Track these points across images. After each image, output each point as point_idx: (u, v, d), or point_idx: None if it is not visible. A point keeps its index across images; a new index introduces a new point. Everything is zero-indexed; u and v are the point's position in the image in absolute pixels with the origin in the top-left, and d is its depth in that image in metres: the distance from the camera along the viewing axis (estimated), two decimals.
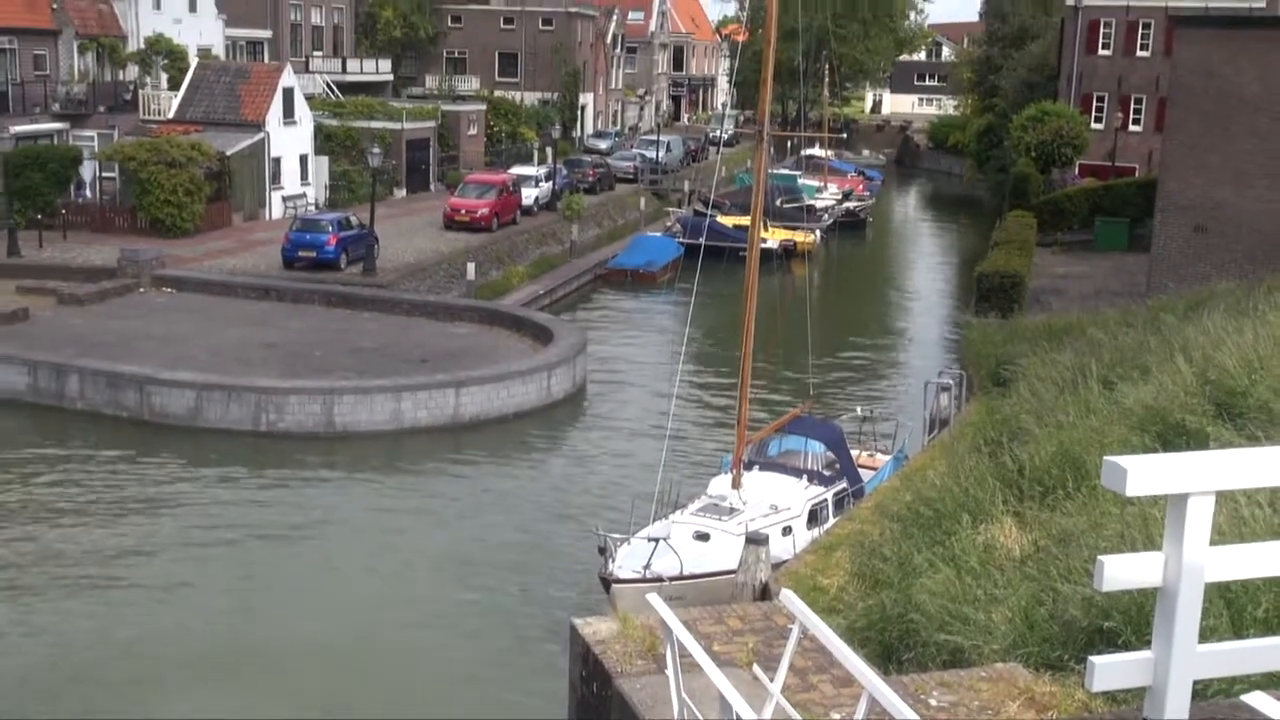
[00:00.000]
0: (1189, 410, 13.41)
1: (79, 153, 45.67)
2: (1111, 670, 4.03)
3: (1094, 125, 54.92)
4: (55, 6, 48.85)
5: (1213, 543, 3.98)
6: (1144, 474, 3.83)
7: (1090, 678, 4.02)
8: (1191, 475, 3.90)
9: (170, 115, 49.60)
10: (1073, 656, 8.64)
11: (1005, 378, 23.27)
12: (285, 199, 49.53)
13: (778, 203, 54.13)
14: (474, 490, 25.85)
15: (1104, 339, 20.53)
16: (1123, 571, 4.01)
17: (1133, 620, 7.98)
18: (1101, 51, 56.23)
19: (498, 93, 75.48)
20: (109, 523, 23.08)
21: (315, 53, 71.60)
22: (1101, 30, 56.15)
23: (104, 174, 46.02)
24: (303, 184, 50.92)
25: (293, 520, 23.64)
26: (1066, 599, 9.38)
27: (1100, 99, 56.40)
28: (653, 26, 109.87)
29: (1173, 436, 12.88)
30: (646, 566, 18.02)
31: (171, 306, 36.11)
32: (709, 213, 44.15)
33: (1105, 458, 3.94)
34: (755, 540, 17.06)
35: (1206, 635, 4.15)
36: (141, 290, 37.59)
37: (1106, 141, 54.94)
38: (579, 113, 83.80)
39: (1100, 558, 4.04)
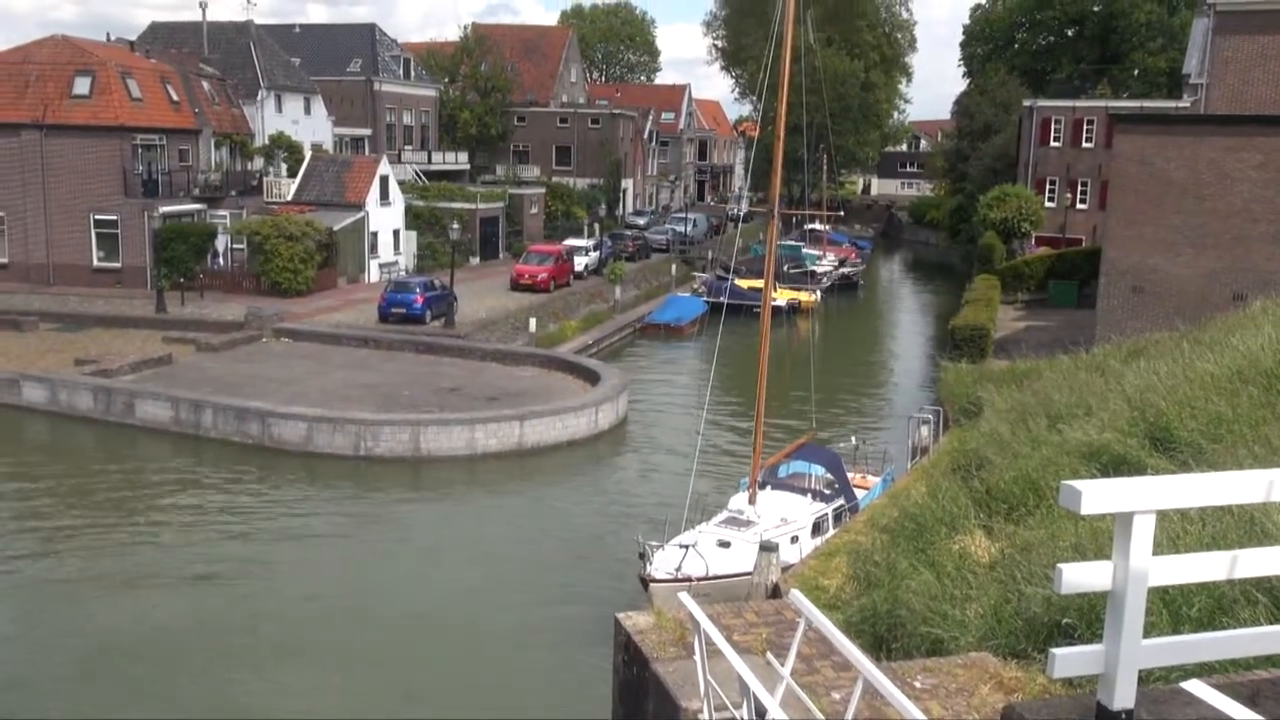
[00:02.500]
0: (1128, 443, 13.25)
1: (215, 228, 46.10)
2: (1069, 660, 3.98)
3: (1048, 204, 54.71)
4: (197, 111, 49.60)
5: (1154, 554, 3.94)
6: (1096, 495, 3.80)
7: (1051, 666, 3.97)
8: (1136, 497, 3.86)
9: (289, 198, 50.12)
10: (1035, 647, 8.52)
11: (974, 413, 23.08)
12: (381, 265, 49.86)
13: (785, 268, 54.17)
14: (535, 504, 25.81)
15: (1057, 381, 20.33)
16: (1078, 577, 3.97)
17: (1086, 617, 7.87)
18: (1053, 143, 56.13)
19: (555, 179, 75.96)
20: (239, 527, 23.18)
21: (406, 147, 72.39)
22: (1053, 126, 56.11)
23: (234, 245, 46.37)
24: (395, 253, 51.27)
25: (386, 526, 23.67)
26: (1029, 599, 9.25)
27: (1053, 182, 56.19)
28: (682, 124, 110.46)
29: (1115, 465, 12.71)
30: (678, 569, 17.91)
31: (288, 354, 36.30)
32: (729, 276, 44.03)
33: (1063, 481, 3.91)
34: (768, 548, 16.94)
35: (1149, 631, 4.08)
36: (264, 340, 37.82)
37: (1058, 217, 54.73)
38: (621, 194, 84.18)
39: (1059, 565, 4.00)
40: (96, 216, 44.19)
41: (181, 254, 43.03)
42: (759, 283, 45.76)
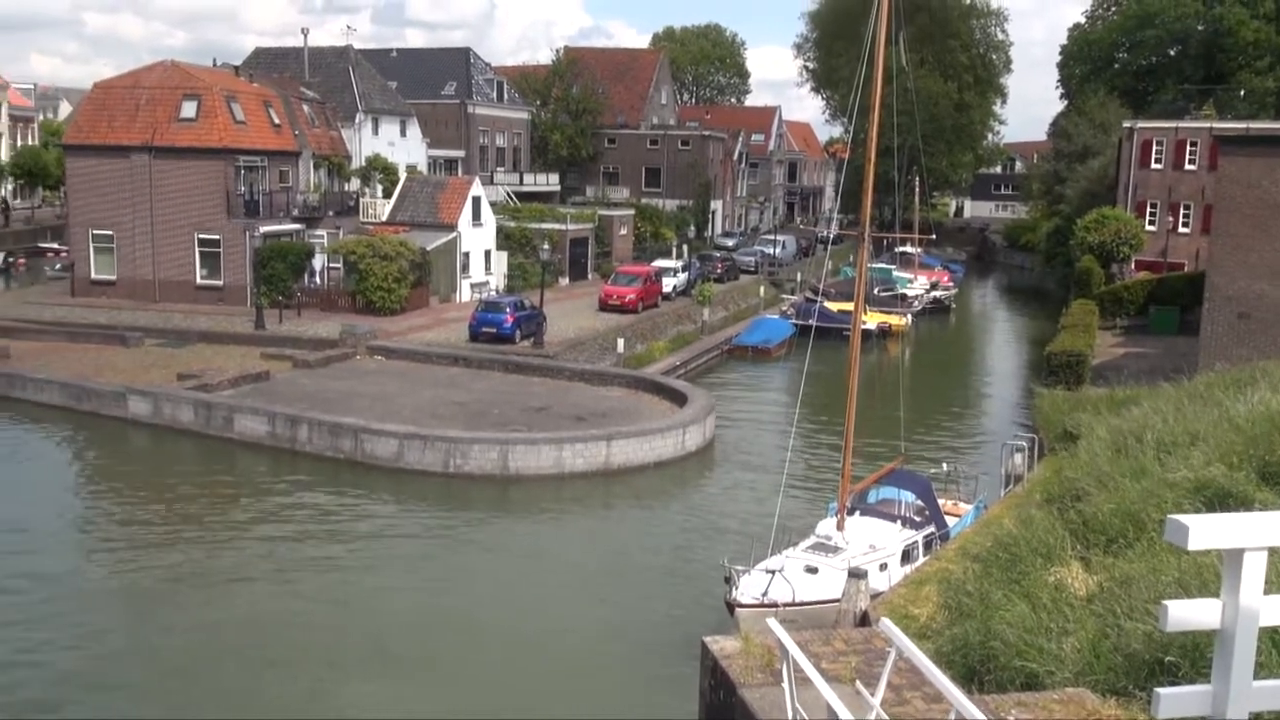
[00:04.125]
0: (1236, 476, 12.84)
1: (312, 248, 47.16)
2: (1175, 700, 3.88)
3: (1148, 227, 53.31)
4: (297, 133, 50.97)
5: (1265, 593, 3.81)
6: (1204, 531, 3.70)
7: (1156, 706, 3.86)
8: (1247, 533, 3.75)
9: (383, 218, 51.12)
10: (1135, 685, 8.29)
11: (1071, 441, 22.56)
12: (472, 285, 50.53)
13: (875, 291, 53.57)
14: (621, 525, 25.87)
15: (1158, 410, 19.78)
16: (1185, 614, 3.87)
17: (1190, 655, 7.63)
18: (1154, 166, 54.68)
19: (644, 200, 76.34)
20: (331, 540, 23.62)
21: (498, 168, 73.46)
22: (1154, 148, 54.69)
23: (331, 264, 47.32)
24: (486, 273, 51.92)
25: (472, 543, 23.92)
26: (1129, 634, 9.01)
27: (1153, 205, 54.73)
28: (771, 146, 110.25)
29: (1221, 499, 12.33)
30: (764, 594, 17.79)
31: (381, 371, 36.93)
32: (818, 299, 43.69)
33: (1169, 516, 3.81)
34: (856, 574, 16.72)
35: (1260, 673, 3.95)
36: (358, 357, 38.55)
37: (1159, 241, 53.29)
38: (710, 216, 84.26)
39: (1165, 602, 3.89)
40: (200, 235, 45.61)
41: (280, 272, 44.10)
42: (848, 305, 45.31)
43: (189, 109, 45.83)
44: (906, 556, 20.28)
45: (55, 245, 74.07)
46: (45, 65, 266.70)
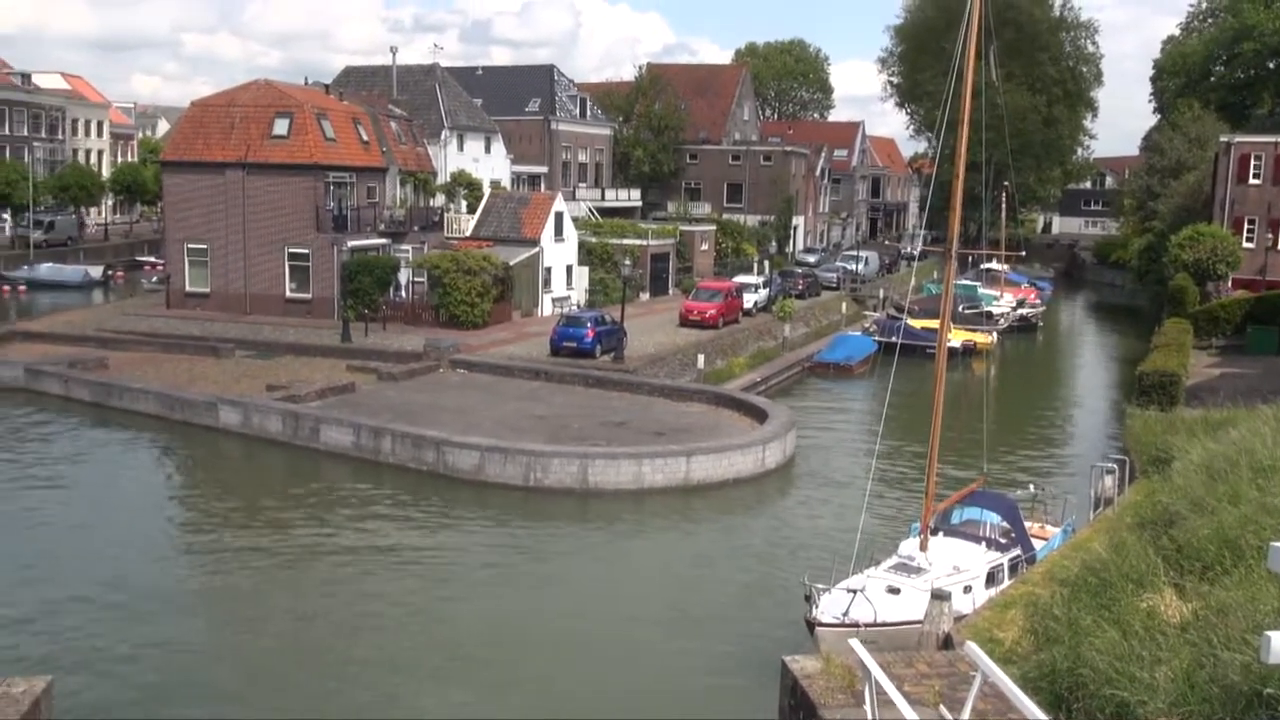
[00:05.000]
0: None
1: (398, 262, 47.88)
2: None
3: (1245, 244, 51.80)
4: (385, 150, 51.94)
5: None
6: None
7: None
8: None
9: (467, 233, 51.81)
10: (1232, 718, 8.02)
11: (1164, 464, 21.98)
12: (554, 300, 50.92)
13: (960, 308, 52.83)
14: (699, 540, 25.78)
15: (1258, 433, 19.17)
16: None
17: None
18: (1252, 181, 53.09)
19: (725, 215, 76.30)
20: (411, 549, 23.91)
21: (581, 184, 74.06)
22: (1252, 163, 53.12)
23: (415, 279, 47.99)
24: (568, 288, 52.29)
25: (551, 556, 24.04)
26: (1226, 665, 8.73)
27: (1251, 221, 53.14)
28: (854, 162, 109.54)
29: None
30: (845, 613, 17.58)
31: (463, 384, 37.33)
32: (901, 316, 43.18)
33: (1272, 543, 3.69)
34: (940, 596, 16.43)
35: None
36: (441, 371, 39.03)
37: (1257, 258, 51.70)
38: (791, 232, 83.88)
39: (1267, 633, 3.77)
40: (290, 250, 46.68)
41: (366, 286, 44.89)
42: (933, 323, 44.77)
43: (281, 126, 46.97)
44: (991, 579, 19.90)
45: (152, 259, 76.48)
46: (146, 85, 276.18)
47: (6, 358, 39.60)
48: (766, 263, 66.17)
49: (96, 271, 70.08)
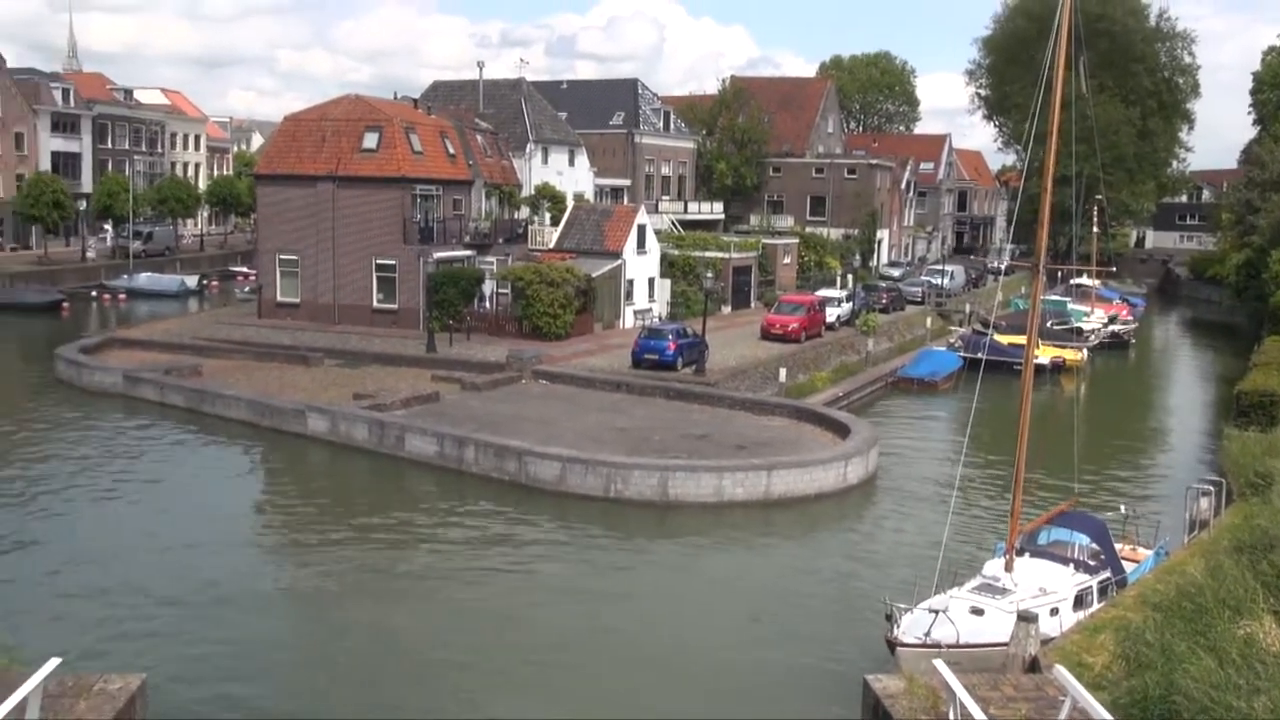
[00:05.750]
0: None
1: (482, 274, 48.43)
2: None
3: None
4: (471, 163, 52.67)
5: None
6: None
7: None
8: None
9: (551, 245, 52.24)
10: None
11: (1263, 487, 21.28)
12: (636, 312, 51.07)
13: (1049, 324, 51.85)
14: (779, 555, 25.60)
15: None
16: None
17: None
18: None
19: (808, 229, 75.91)
20: (492, 559, 24.14)
21: (664, 197, 74.30)
22: None
23: (499, 290, 48.50)
24: (650, 300, 52.42)
25: (630, 568, 24.05)
26: None
27: None
28: (941, 175, 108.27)
29: None
30: (927, 633, 17.30)
31: (545, 395, 37.58)
32: (988, 331, 42.49)
33: None
34: (1026, 618, 16.09)
35: None
36: (523, 381, 39.34)
37: None
38: (876, 245, 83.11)
39: None
40: (378, 261, 47.54)
41: (451, 297, 45.47)
42: (1020, 339, 43.96)
43: (370, 140, 47.92)
44: (1079, 602, 19.43)
45: (245, 269, 78.57)
46: (241, 100, 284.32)
47: (106, 364, 40.92)
48: (850, 276, 65.60)
49: (192, 281, 72.15)
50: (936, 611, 17.75)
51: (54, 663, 10.89)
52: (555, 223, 55.01)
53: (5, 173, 78.28)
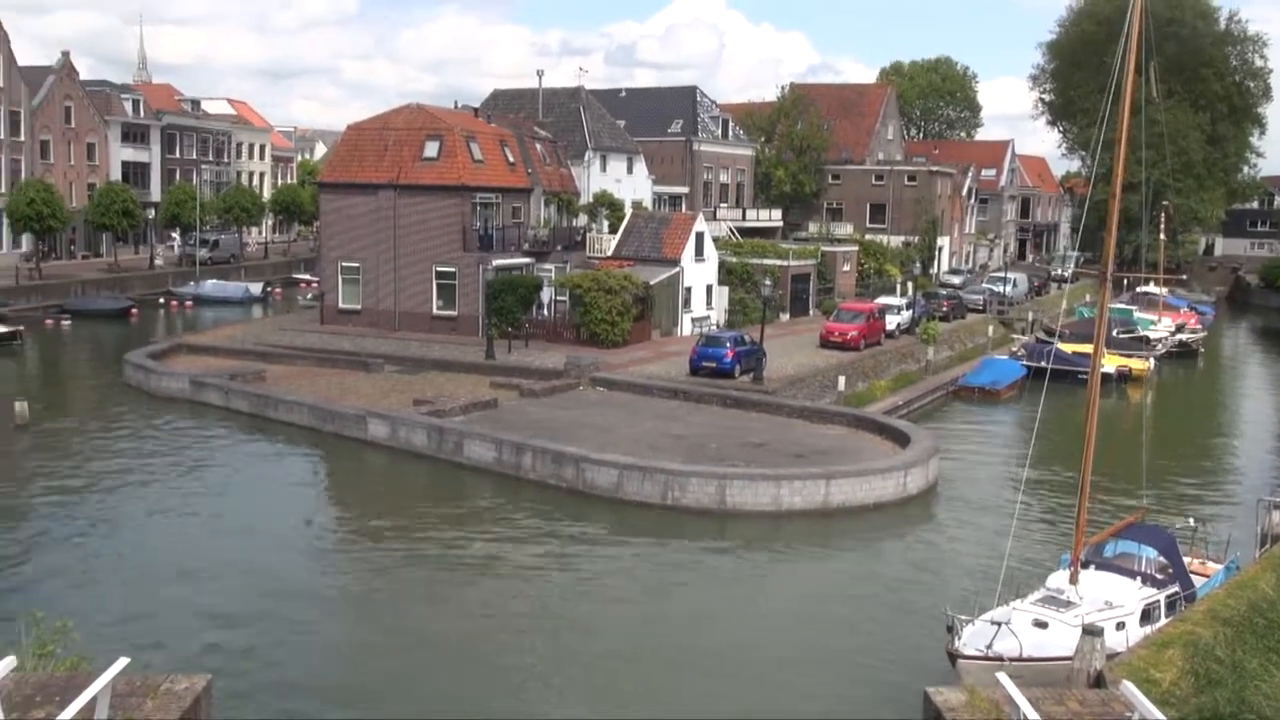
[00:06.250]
0: None
1: (541, 281, 48.67)
2: None
3: None
4: (530, 171, 52.99)
5: None
6: None
7: None
8: None
9: (609, 253, 52.34)
10: None
11: None
12: (693, 320, 51.02)
13: (1115, 333, 51.00)
14: (838, 565, 25.41)
15: None
16: None
17: None
18: None
19: (868, 236, 75.31)
20: (549, 562, 24.22)
21: (722, 204, 74.14)
22: None
23: (557, 297, 48.72)
24: (707, 308, 52.34)
25: (687, 577, 24.00)
26: None
27: None
28: (1003, 181, 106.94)
29: None
30: (989, 646, 17.05)
31: (603, 402, 37.67)
32: (1051, 340, 41.82)
33: None
34: (1092, 632, 15.79)
35: None
36: (581, 388, 39.48)
37: None
38: (936, 253, 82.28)
39: None
40: (438, 268, 48.01)
41: (510, 304, 45.77)
42: (1085, 347, 43.28)
43: (431, 149, 48.42)
44: (1146, 616, 19.05)
45: (308, 276, 79.78)
46: (306, 109, 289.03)
47: (173, 370, 41.74)
48: (910, 284, 64.99)
49: (256, 288, 73.38)
50: (999, 624, 17.50)
51: (123, 662, 11.11)
52: (613, 230, 55.13)
53: (77, 182, 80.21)
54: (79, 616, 16.88)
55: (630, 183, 64.36)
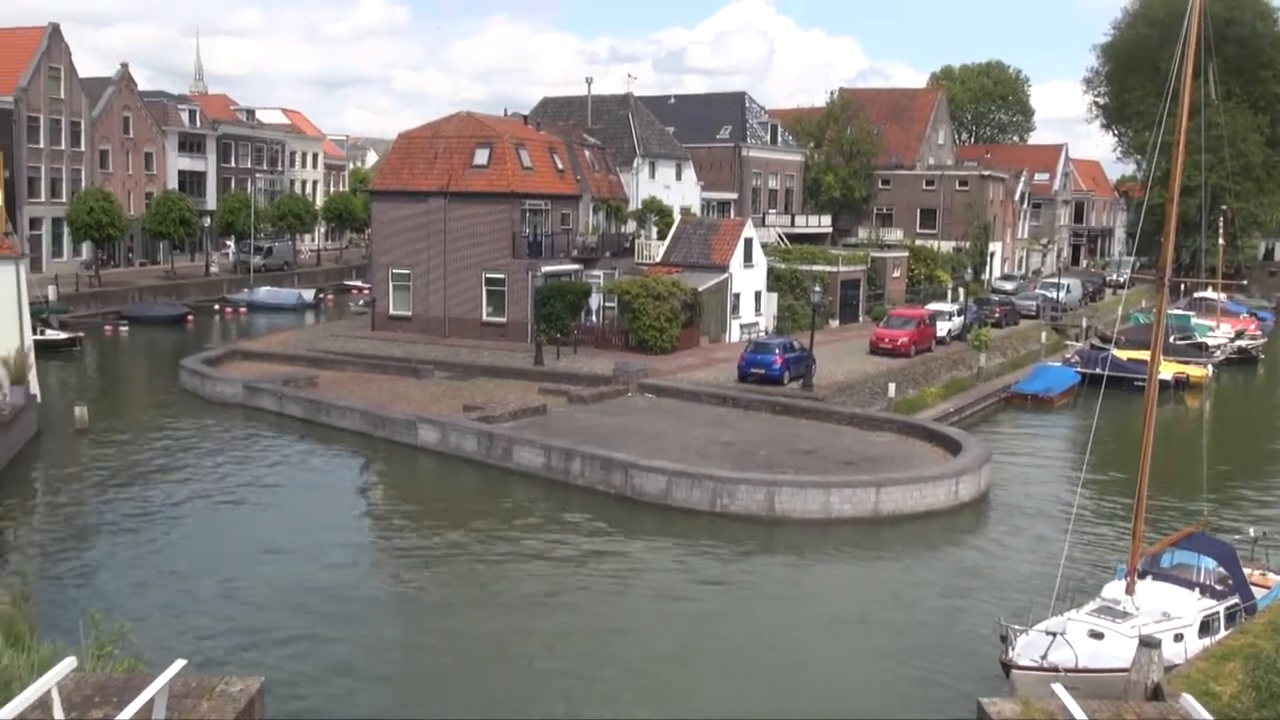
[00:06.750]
0: None
1: (589, 287, 48.72)
2: None
3: None
4: (579, 178, 53.16)
5: None
6: None
7: None
8: None
9: (657, 259, 52.37)
10: None
11: None
12: (742, 326, 50.88)
13: (1172, 339, 50.16)
14: (888, 573, 25.18)
15: None
16: None
17: None
18: None
19: (918, 242, 74.74)
20: (596, 568, 24.25)
21: (771, 210, 74.00)
22: None
23: (606, 304, 48.81)
24: (756, 314, 52.18)
25: (735, 584, 23.91)
26: None
27: None
28: (1056, 186, 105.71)
29: None
30: (1044, 656, 16.83)
31: (651, 408, 37.67)
32: (1106, 346, 41.20)
33: None
34: (1149, 643, 15.52)
35: None
36: (629, 395, 39.51)
37: None
38: (988, 258, 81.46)
39: None
40: (487, 275, 48.28)
41: (559, 311, 45.92)
42: (1140, 354, 42.59)
43: (481, 156, 48.75)
44: (1205, 628, 18.70)
45: (359, 283, 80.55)
46: (358, 118, 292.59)
47: (227, 375, 42.34)
48: (961, 290, 64.39)
49: (308, 295, 74.26)
50: (1053, 634, 17.28)
51: (179, 664, 11.26)
52: (662, 236, 55.17)
53: (135, 191, 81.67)
54: (134, 617, 17.18)
55: (679, 189, 64.37)
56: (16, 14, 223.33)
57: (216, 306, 71.11)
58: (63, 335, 52.61)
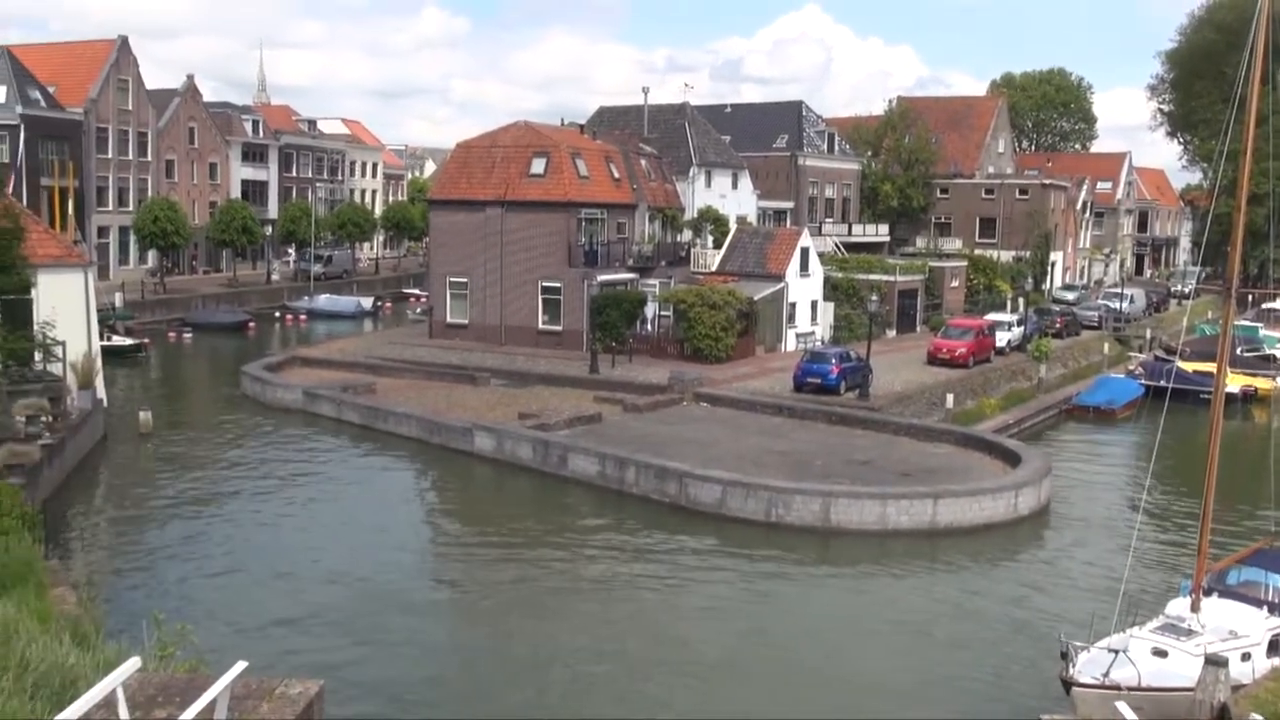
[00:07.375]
0: None
1: (645, 296, 48.85)
2: None
3: None
4: (635, 187, 53.30)
5: None
6: None
7: None
8: None
9: (713, 268, 52.33)
10: None
11: None
12: (798, 335, 50.65)
13: (1240, 351, 49.12)
14: (946, 586, 24.87)
15: None
16: None
17: None
18: None
19: (977, 251, 73.93)
20: (652, 575, 24.22)
21: (827, 219, 73.62)
22: None
23: (661, 313, 48.84)
24: (812, 324, 51.92)
25: (790, 596, 23.77)
26: None
27: None
28: (1120, 194, 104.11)
29: None
30: (1105, 674, 16.52)
31: (706, 417, 37.59)
32: (1171, 358, 40.45)
33: None
34: (1216, 662, 15.19)
35: None
36: (685, 403, 39.47)
37: None
38: (1049, 268, 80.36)
39: None
40: (543, 283, 48.56)
41: (614, 319, 46.03)
42: (1206, 366, 41.80)
43: (538, 165, 49.07)
44: (1274, 647, 18.24)
45: (416, 291, 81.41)
46: (417, 128, 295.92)
47: (288, 382, 42.94)
48: (1021, 300, 63.57)
49: (367, 302, 75.18)
50: (1116, 651, 16.95)
51: (240, 666, 11.41)
52: (718, 245, 55.09)
53: (200, 200, 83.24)
54: (195, 619, 17.47)
55: (735, 198, 64.27)
56: (90, 28, 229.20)
57: (277, 313, 72.20)
58: (128, 341, 53.70)
